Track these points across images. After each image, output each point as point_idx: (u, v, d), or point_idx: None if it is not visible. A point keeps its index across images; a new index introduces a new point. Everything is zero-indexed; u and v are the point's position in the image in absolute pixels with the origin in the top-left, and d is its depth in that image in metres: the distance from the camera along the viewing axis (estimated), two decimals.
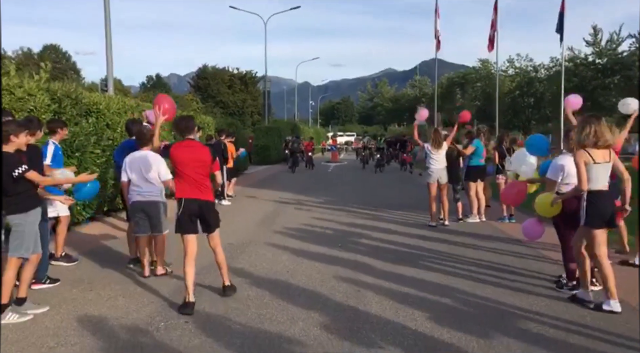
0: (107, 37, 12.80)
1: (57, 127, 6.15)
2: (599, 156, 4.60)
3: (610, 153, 4.68)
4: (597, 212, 4.61)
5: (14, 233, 4.46)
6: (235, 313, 4.66)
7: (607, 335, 4.09)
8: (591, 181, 4.60)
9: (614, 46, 47.43)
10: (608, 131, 4.61)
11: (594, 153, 4.60)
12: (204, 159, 4.96)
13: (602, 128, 4.59)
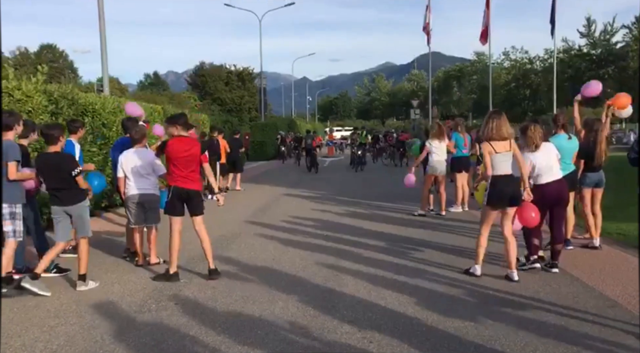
0: (102, 37, 13.16)
1: (79, 127, 6.63)
2: (500, 147, 5.27)
3: (510, 144, 5.31)
4: (496, 194, 5.30)
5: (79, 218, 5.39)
6: (221, 296, 5.08)
7: (555, 307, 4.51)
8: (494, 168, 5.32)
9: (608, 37, 47.79)
10: (506, 125, 5.30)
11: (496, 144, 5.26)
12: (194, 153, 5.64)
13: (501, 123, 5.27)
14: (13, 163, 5.07)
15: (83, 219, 5.46)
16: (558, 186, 5.60)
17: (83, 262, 5.39)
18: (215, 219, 9.63)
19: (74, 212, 5.37)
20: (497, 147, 5.31)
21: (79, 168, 5.33)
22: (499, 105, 56.51)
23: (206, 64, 57.75)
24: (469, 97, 66.34)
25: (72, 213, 5.37)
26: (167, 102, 42.32)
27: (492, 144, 5.31)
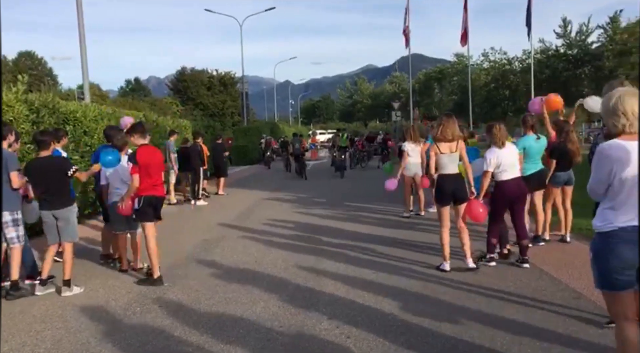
0: (82, 44, 13.16)
1: (62, 135, 6.84)
2: (445, 148, 5.67)
3: (457, 145, 5.67)
4: (442, 191, 5.70)
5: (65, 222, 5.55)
6: (204, 298, 5.22)
7: (523, 300, 4.73)
8: (441, 168, 5.71)
9: (583, 37, 48.73)
10: (453, 127, 5.67)
11: (441, 145, 5.66)
12: (161, 159, 6.02)
13: (448, 125, 5.64)
14: (15, 172, 5.29)
15: (70, 223, 5.61)
16: (518, 183, 5.87)
17: (68, 267, 5.50)
18: (199, 224, 9.79)
19: (62, 216, 5.54)
20: (443, 148, 5.69)
21: (74, 167, 5.67)
22: (479, 106, 57.34)
23: (188, 69, 57.58)
24: (450, 98, 67.00)
25: (59, 216, 5.53)
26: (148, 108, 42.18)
27: (438, 146, 5.70)
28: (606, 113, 2.84)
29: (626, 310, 2.78)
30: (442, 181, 5.76)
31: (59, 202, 5.54)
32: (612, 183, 2.78)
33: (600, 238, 2.84)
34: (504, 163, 5.77)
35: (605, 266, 2.79)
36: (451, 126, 5.72)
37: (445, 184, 5.74)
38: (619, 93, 2.79)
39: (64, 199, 5.60)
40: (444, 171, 5.75)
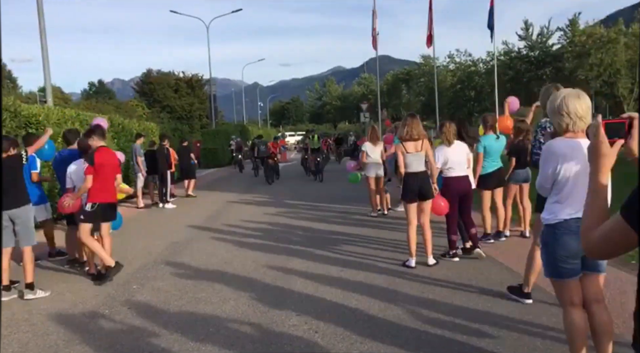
0: (43, 46, 12.92)
1: (34, 139, 6.78)
2: (410, 147, 5.88)
3: (422, 144, 5.88)
4: (408, 189, 5.91)
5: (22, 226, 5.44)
6: (174, 299, 5.25)
7: (484, 292, 4.94)
8: (406, 166, 5.92)
9: (544, 39, 50.16)
10: (418, 127, 5.89)
11: (407, 145, 5.87)
12: (116, 164, 6.15)
13: (412, 125, 5.86)
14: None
15: (27, 227, 5.52)
16: (464, 180, 6.20)
17: (29, 271, 5.44)
18: (168, 227, 9.75)
19: (18, 216, 5.42)
20: (409, 147, 5.91)
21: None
22: (446, 106, 58.31)
23: (154, 71, 56.84)
24: (418, 99, 67.93)
25: (15, 217, 5.39)
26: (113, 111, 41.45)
27: (404, 145, 5.90)
28: (552, 113, 3.03)
29: (572, 296, 2.97)
30: (408, 179, 5.95)
31: (12, 200, 5.36)
32: (557, 179, 2.97)
33: (548, 229, 3.02)
34: (451, 160, 6.09)
35: (553, 256, 2.98)
36: (416, 126, 5.93)
37: (411, 182, 5.93)
38: (564, 94, 2.98)
39: (18, 196, 5.44)
40: (410, 169, 5.95)
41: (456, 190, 6.16)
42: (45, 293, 5.51)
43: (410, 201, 6.00)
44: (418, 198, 5.97)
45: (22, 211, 5.46)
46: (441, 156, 6.05)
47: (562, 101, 2.95)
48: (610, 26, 46.35)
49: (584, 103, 2.93)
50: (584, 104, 2.92)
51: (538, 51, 50.10)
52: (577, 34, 46.56)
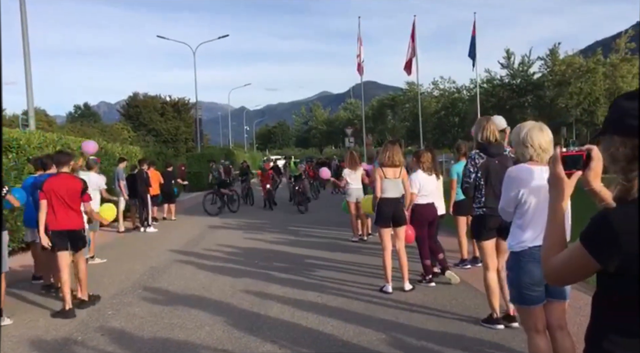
0: (27, 71, 12.94)
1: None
2: (389, 173, 5.98)
3: (400, 171, 6.00)
4: (382, 214, 6.00)
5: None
6: (148, 325, 5.21)
7: (459, 317, 4.99)
8: (382, 191, 5.98)
9: (526, 68, 51.32)
10: (398, 154, 6.01)
11: (386, 170, 5.96)
12: (72, 190, 5.86)
13: (393, 151, 5.99)
14: None
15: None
16: (432, 207, 6.38)
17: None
18: (147, 251, 9.68)
19: None
20: (388, 173, 6.00)
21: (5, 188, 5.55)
22: (430, 132, 59.10)
23: (140, 95, 56.90)
24: (403, 124, 68.72)
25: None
26: (98, 134, 41.30)
27: (383, 170, 6.00)
28: (517, 144, 3.15)
29: (537, 322, 3.04)
30: (382, 205, 6.02)
31: None
32: (519, 203, 3.08)
33: (513, 256, 3.11)
34: (425, 187, 6.24)
35: (518, 283, 3.05)
36: (396, 153, 6.05)
37: (385, 208, 6.01)
38: (528, 127, 3.11)
39: None
40: (386, 194, 6.02)
41: (425, 217, 6.31)
42: (10, 321, 5.34)
43: (384, 226, 6.06)
44: (392, 223, 6.04)
45: None
46: (417, 182, 6.17)
47: (527, 133, 3.08)
48: (589, 56, 47.69)
49: (547, 136, 3.07)
50: (547, 137, 3.07)
51: (520, 79, 51.20)
52: (557, 63, 47.76)
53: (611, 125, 1.44)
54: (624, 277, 1.36)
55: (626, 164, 1.40)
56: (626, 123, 1.39)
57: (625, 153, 1.40)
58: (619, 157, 1.41)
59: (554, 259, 1.52)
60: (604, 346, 1.41)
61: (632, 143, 1.38)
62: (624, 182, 1.41)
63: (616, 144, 1.42)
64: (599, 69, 44.40)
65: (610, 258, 1.35)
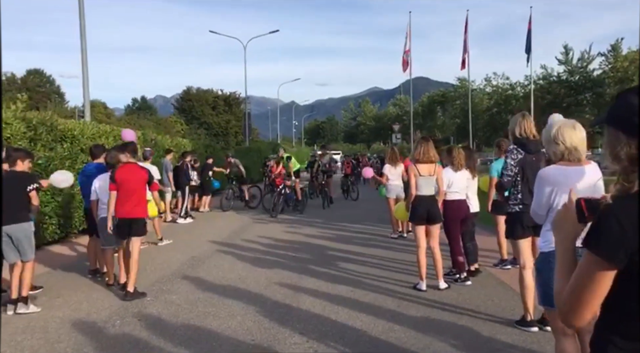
0: (84, 63, 13.49)
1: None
2: (424, 170, 5.86)
3: (434, 168, 5.89)
4: (416, 212, 5.89)
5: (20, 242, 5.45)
6: (184, 312, 5.36)
7: (492, 318, 4.87)
8: (417, 189, 5.90)
9: (585, 64, 49.17)
10: (432, 150, 5.91)
11: (421, 167, 5.84)
12: (138, 180, 6.15)
13: (428, 148, 5.86)
14: None
15: (23, 242, 5.47)
16: (463, 204, 6.27)
17: (26, 285, 5.48)
18: (191, 241, 9.94)
19: (14, 234, 5.40)
20: (422, 170, 5.92)
21: (34, 185, 5.61)
22: (481, 129, 57.69)
23: (193, 89, 58.37)
24: (453, 121, 67.38)
25: (12, 234, 5.38)
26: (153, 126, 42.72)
27: (417, 167, 5.92)
28: (547, 142, 3.03)
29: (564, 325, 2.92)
30: (417, 202, 5.96)
31: (11, 218, 5.34)
32: (552, 206, 2.96)
33: (542, 257, 3.00)
34: (455, 184, 6.13)
35: (547, 284, 2.94)
36: (431, 149, 6.00)
37: (419, 206, 5.95)
38: (560, 124, 2.99)
39: (19, 215, 5.42)
40: (420, 192, 5.96)
41: (455, 213, 6.21)
42: (37, 309, 5.46)
43: (418, 224, 6.00)
44: (426, 221, 5.96)
45: (17, 228, 5.41)
46: (447, 179, 6.11)
47: (558, 131, 2.97)
48: None
49: (579, 133, 2.94)
50: (579, 134, 2.93)
51: (578, 76, 49.11)
52: (619, 60, 45.50)
53: (618, 121, 1.37)
54: (628, 279, 1.29)
55: (629, 164, 1.34)
56: (634, 122, 1.32)
57: (629, 153, 1.33)
58: (622, 156, 1.35)
59: (567, 291, 1.40)
60: (609, 351, 1.34)
61: (637, 144, 1.31)
62: (624, 182, 1.34)
63: (621, 143, 1.35)
64: None
65: (621, 255, 1.27)
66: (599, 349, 1.40)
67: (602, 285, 1.32)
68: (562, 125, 2.98)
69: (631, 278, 1.29)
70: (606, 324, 1.39)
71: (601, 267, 1.30)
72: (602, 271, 1.31)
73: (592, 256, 1.32)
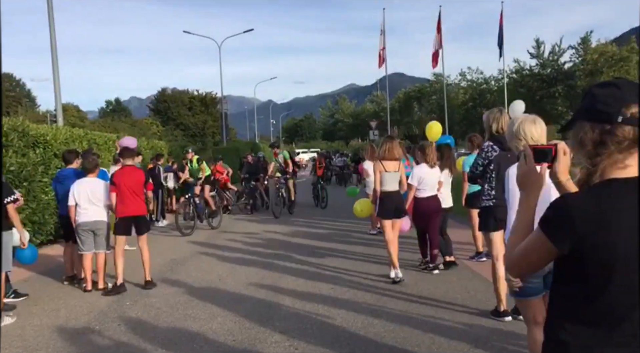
0: (55, 68, 13.27)
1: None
2: (390, 166, 6.09)
3: (399, 165, 6.11)
4: (385, 208, 6.10)
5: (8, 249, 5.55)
6: (164, 315, 5.35)
7: (468, 310, 4.98)
8: (383, 185, 6.12)
9: (556, 57, 50.09)
10: (397, 148, 6.16)
11: (386, 164, 6.05)
12: (141, 179, 6.70)
13: (393, 146, 6.09)
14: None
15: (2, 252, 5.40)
16: (434, 200, 6.40)
17: None
18: (169, 243, 9.88)
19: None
20: (388, 166, 6.12)
21: (12, 197, 5.53)
22: (457, 124, 58.32)
23: (169, 90, 57.76)
24: (429, 116, 67.93)
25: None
26: (128, 129, 42.12)
27: (383, 164, 6.11)
28: (510, 137, 3.13)
29: (535, 314, 3.02)
30: (385, 198, 6.18)
31: None
32: None
33: None
34: (426, 181, 6.27)
35: None
36: (396, 147, 6.25)
37: (387, 201, 6.17)
38: (520, 120, 3.09)
39: None
40: (386, 188, 6.19)
41: (427, 209, 6.37)
42: (12, 319, 5.34)
43: (387, 218, 6.25)
44: (394, 215, 6.20)
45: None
46: (418, 175, 6.25)
47: (519, 126, 3.07)
48: (622, 45, 46.23)
49: (540, 128, 3.04)
50: (539, 129, 3.04)
51: (550, 69, 50.01)
52: (589, 52, 46.47)
53: (582, 112, 1.48)
54: (578, 265, 1.38)
55: (593, 148, 1.43)
56: (597, 108, 1.43)
57: (593, 138, 1.43)
58: (587, 142, 1.44)
59: (516, 250, 1.54)
60: (560, 336, 1.42)
61: (600, 129, 1.42)
62: (588, 166, 1.44)
63: (585, 129, 1.45)
64: (632, 57, 43.01)
65: (565, 240, 1.38)
66: (551, 334, 1.47)
67: (543, 258, 1.47)
68: (523, 120, 3.08)
69: (577, 264, 1.39)
70: (556, 309, 1.47)
71: (546, 245, 1.42)
72: (546, 249, 1.43)
73: (541, 233, 1.43)
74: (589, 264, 1.36)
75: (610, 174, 1.41)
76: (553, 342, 1.45)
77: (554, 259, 1.45)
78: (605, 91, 1.44)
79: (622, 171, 1.41)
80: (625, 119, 1.38)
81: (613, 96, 1.41)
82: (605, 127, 1.40)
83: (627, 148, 1.40)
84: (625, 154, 1.40)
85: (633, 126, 1.38)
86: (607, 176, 1.41)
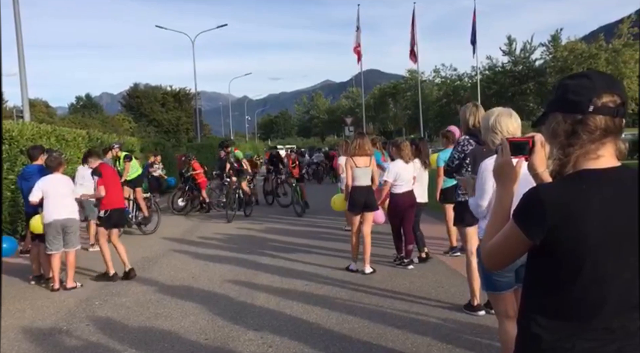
0: (21, 62, 12.86)
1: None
2: (360, 162, 6.21)
3: (370, 160, 6.24)
4: (354, 201, 6.22)
5: None
6: (134, 315, 5.23)
7: (442, 304, 5.00)
8: (354, 180, 6.25)
9: (527, 54, 50.98)
10: (368, 144, 6.30)
11: (357, 160, 6.16)
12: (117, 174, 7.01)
13: (363, 142, 6.20)
14: None
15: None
16: (410, 195, 6.44)
17: None
18: (142, 240, 9.70)
19: None
20: (358, 162, 6.22)
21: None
22: (432, 120, 58.88)
23: (141, 85, 56.89)
24: (405, 113, 68.45)
25: None
26: (99, 125, 41.34)
27: (354, 160, 6.21)
28: (486, 131, 3.12)
29: (507, 308, 3.03)
30: (355, 193, 6.27)
31: None
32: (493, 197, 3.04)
33: None
34: (402, 177, 6.31)
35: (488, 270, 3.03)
36: (367, 143, 6.38)
37: (357, 195, 6.26)
38: (497, 113, 3.09)
39: None
40: (357, 183, 6.28)
41: (402, 205, 6.40)
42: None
43: (356, 214, 6.36)
44: (364, 209, 6.31)
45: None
46: (393, 171, 6.28)
47: (496, 119, 3.06)
48: (591, 42, 47.31)
49: (515, 122, 3.04)
50: (515, 123, 3.04)
51: (521, 66, 50.88)
52: (559, 50, 47.43)
53: (554, 104, 1.48)
54: (550, 257, 1.37)
55: (565, 139, 1.43)
56: (568, 99, 1.43)
57: (565, 129, 1.43)
58: (559, 132, 1.44)
59: (490, 242, 1.52)
60: (533, 330, 1.40)
61: (572, 119, 1.41)
62: (561, 156, 1.44)
63: (557, 119, 1.45)
64: (601, 54, 44.07)
65: (537, 231, 1.37)
66: (523, 327, 1.46)
67: (517, 249, 1.46)
68: (500, 114, 3.07)
69: (548, 256, 1.38)
70: (529, 302, 1.46)
71: (519, 236, 1.41)
72: (520, 240, 1.42)
73: (514, 224, 1.43)
74: (560, 255, 1.36)
75: (583, 164, 1.41)
76: (525, 336, 1.43)
77: (528, 251, 1.44)
78: (576, 82, 1.44)
79: (594, 161, 1.41)
80: (596, 108, 1.38)
81: (584, 86, 1.41)
82: (577, 118, 1.40)
83: (599, 137, 1.40)
84: (598, 144, 1.40)
85: (604, 116, 1.38)
86: (580, 167, 1.41)
